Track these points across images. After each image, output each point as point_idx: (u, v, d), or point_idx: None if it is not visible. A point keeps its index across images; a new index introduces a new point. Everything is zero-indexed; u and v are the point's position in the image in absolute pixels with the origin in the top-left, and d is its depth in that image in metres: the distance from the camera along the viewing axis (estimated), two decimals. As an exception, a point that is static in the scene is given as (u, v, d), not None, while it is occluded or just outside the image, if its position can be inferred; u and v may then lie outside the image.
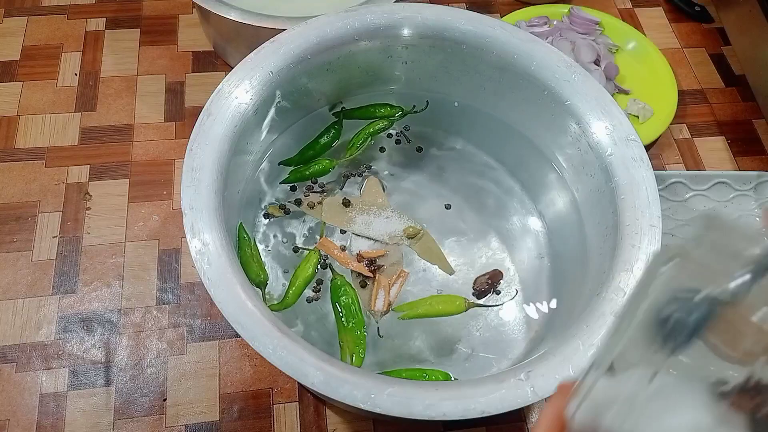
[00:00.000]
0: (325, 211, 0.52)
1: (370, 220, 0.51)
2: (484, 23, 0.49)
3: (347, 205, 0.52)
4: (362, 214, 0.52)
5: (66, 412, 0.50)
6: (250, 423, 0.51)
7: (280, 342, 0.36)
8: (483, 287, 0.49)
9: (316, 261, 0.48)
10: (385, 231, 0.51)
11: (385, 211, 0.52)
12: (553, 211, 0.53)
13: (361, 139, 0.53)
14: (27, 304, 0.55)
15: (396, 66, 0.53)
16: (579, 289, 0.46)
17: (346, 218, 0.52)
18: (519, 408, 0.35)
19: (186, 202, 0.40)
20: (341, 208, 0.52)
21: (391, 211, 0.52)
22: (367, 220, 0.51)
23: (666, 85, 0.68)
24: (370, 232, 0.51)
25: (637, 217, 0.42)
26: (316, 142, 0.54)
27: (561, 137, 0.49)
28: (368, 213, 0.52)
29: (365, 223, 0.51)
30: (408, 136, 0.56)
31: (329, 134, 0.54)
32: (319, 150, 0.54)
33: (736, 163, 0.68)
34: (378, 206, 0.52)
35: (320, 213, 0.52)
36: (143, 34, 0.72)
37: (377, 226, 0.51)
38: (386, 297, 0.47)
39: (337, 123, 0.54)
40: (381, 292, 0.47)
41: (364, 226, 0.51)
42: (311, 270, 0.47)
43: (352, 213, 0.52)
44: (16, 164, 0.62)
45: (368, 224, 0.51)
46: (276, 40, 0.47)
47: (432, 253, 0.51)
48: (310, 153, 0.53)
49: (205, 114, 0.44)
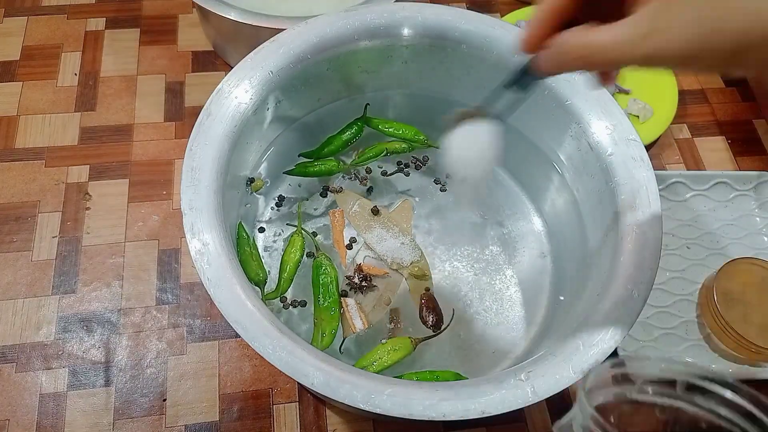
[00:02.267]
0: (354, 210, 0.51)
1: (385, 237, 0.50)
2: (484, 23, 0.49)
3: (375, 213, 0.52)
4: (382, 228, 0.51)
5: (66, 412, 0.50)
6: (250, 423, 0.51)
7: (280, 342, 0.36)
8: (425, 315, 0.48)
9: (301, 244, 0.48)
10: (393, 254, 0.50)
11: (404, 237, 0.51)
12: (554, 211, 0.53)
13: (375, 153, 0.53)
14: (27, 304, 0.54)
15: (396, 66, 0.53)
16: (579, 289, 0.46)
17: (366, 225, 0.51)
18: (519, 408, 0.35)
19: (186, 202, 0.40)
20: (368, 214, 0.52)
21: (409, 241, 0.51)
22: (383, 235, 0.50)
23: (666, 85, 0.68)
24: (379, 248, 0.50)
25: (637, 216, 0.42)
26: (338, 137, 0.53)
27: (561, 137, 0.49)
28: (389, 230, 0.51)
29: (379, 238, 0.51)
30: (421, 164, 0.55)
31: (351, 130, 0.54)
32: (339, 146, 0.53)
33: (736, 163, 0.68)
34: (401, 229, 0.51)
35: (345, 203, 0.51)
36: (143, 34, 0.72)
37: (388, 246, 0.50)
38: (361, 315, 0.46)
39: (361, 120, 0.54)
40: (354, 312, 0.46)
41: (377, 239, 0.50)
42: (298, 254, 0.48)
43: (374, 222, 0.51)
44: (16, 164, 0.62)
45: (381, 240, 0.50)
46: (276, 40, 0.47)
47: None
48: (331, 147, 0.53)
49: (205, 114, 0.44)
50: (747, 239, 0.61)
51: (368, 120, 0.54)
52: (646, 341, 0.55)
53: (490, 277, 0.52)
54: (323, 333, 0.45)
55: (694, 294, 0.58)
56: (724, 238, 0.61)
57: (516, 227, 0.54)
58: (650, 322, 0.56)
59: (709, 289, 0.54)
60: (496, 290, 0.51)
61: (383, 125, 0.54)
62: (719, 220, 0.62)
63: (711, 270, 0.57)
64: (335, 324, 0.45)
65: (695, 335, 0.56)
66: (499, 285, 0.51)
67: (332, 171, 0.52)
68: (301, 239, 0.48)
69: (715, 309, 0.53)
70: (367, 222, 0.51)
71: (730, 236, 0.61)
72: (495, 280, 0.52)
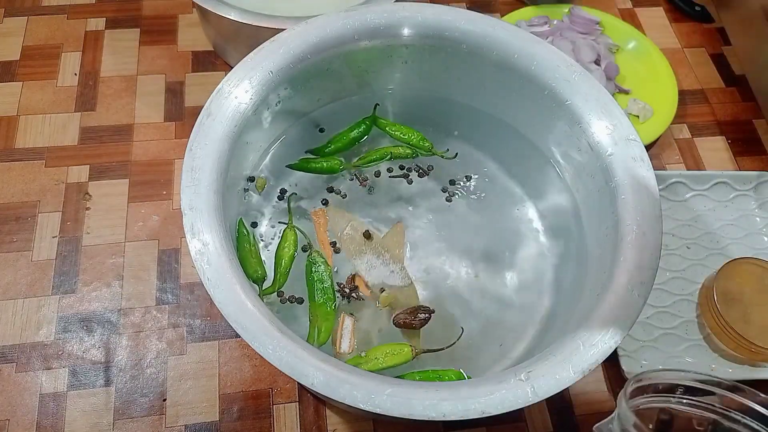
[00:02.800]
0: (347, 233, 0.50)
1: (376, 264, 0.49)
2: (484, 23, 0.49)
3: (368, 237, 0.50)
4: (373, 254, 0.49)
5: (66, 412, 0.50)
6: (250, 423, 0.51)
7: (280, 342, 0.36)
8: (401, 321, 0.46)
9: (294, 239, 0.48)
10: (381, 281, 0.49)
11: (395, 265, 0.49)
12: (553, 211, 0.53)
13: (379, 156, 0.52)
14: (27, 304, 0.54)
15: (396, 65, 0.53)
16: (579, 289, 0.46)
17: (358, 249, 0.50)
18: (519, 408, 0.35)
19: (186, 202, 0.40)
20: (360, 238, 0.50)
21: (399, 269, 0.49)
22: (373, 262, 0.49)
23: (666, 85, 0.68)
24: (368, 276, 0.49)
25: (637, 216, 0.42)
26: (345, 134, 0.53)
27: (561, 137, 0.49)
28: (380, 257, 0.49)
29: (370, 264, 0.49)
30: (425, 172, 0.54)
31: (360, 129, 0.53)
32: (347, 143, 0.53)
33: (736, 163, 0.68)
34: (393, 256, 0.50)
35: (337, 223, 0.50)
36: (143, 34, 0.72)
37: (378, 274, 0.49)
38: (351, 338, 0.46)
39: (369, 119, 0.54)
40: (346, 333, 0.46)
41: (367, 266, 0.49)
42: (292, 249, 0.47)
43: (365, 248, 0.50)
44: (16, 164, 0.62)
45: (372, 268, 0.49)
46: (276, 40, 0.47)
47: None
48: (338, 144, 0.53)
49: (205, 114, 0.44)
50: (747, 239, 0.61)
51: (376, 119, 0.54)
52: (646, 341, 0.55)
53: (490, 277, 0.52)
54: (319, 330, 0.45)
55: (694, 294, 0.58)
56: (724, 238, 0.61)
57: (516, 227, 0.54)
58: (650, 322, 0.56)
59: (709, 289, 0.54)
60: (496, 290, 0.51)
61: (390, 127, 0.54)
62: (719, 220, 0.62)
63: (711, 270, 0.57)
64: (331, 321, 0.45)
65: (695, 335, 0.56)
66: (499, 285, 0.51)
67: (334, 169, 0.52)
68: (294, 234, 0.48)
69: (715, 309, 0.53)
70: (359, 247, 0.50)
71: (730, 236, 0.61)
72: (495, 280, 0.52)
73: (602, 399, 0.54)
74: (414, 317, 0.46)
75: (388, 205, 0.53)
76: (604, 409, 0.54)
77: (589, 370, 0.36)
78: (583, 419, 0.53)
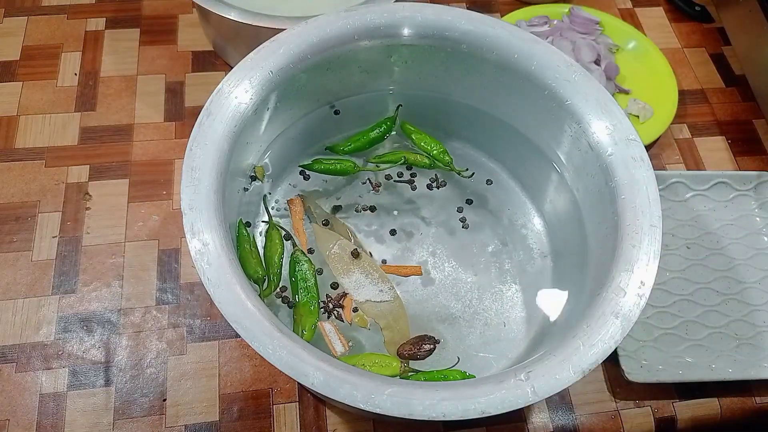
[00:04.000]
0: (334, 252, 0.49)
1: (364, 283, 0.48)
2: (484, 23, 0.49)
3: (356, 256, 0.48)
4: (362, 273, 0.48)
5: (66, 412, 0.50)
6: (250, 423, 0.51)
7: (280, 342, 0.36)
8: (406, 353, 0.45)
9: (279, 237, 0.48)
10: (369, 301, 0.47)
11: (383, 284, 0.48)
12: (553, 211, 0.53)
13: (394, 159, 0.52)
14: (27, 304, 0.54)
15: (396, 65, 0.53)
16: (579, 289, 0.46)
17: (345, 268, 0.48)
18: (519, 408, 0.35)
19: (186, 202, 0.40)
20: (348, 257, 0.48)
21: (388, 288, 0.48)
22: (361, 281, 0.48)
23: (666, 85, 0.68)
24: (356, 295, 0.47)
25: (637, 216, 0.42)
26: (365, 134, 0.53)
27: (561, 137, 0.49)
28: (368, 276, 0.48)
29: (358, 284, 0.48)
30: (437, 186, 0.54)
31: (380, 129, 0.53)
32: (366, 143, 0.53)
33: (736, 163, 0.68)
34: (380, 276, 0.48)
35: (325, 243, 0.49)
36: (143, 34, 0.72)
37: (366, 294, 0.47)
38: (340, 337, 0.45)
39: (390, 120, 0.54)
40: (333, 337, 0.45)
41: (355, 285, 0.48)
42: (279, 248, 0.48)
43: (353, 267, 0.48)
44: (16, 164, 0.62)
45: (359, 287, 0.48)
46: (276, 40, 0.47)
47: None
48: (357, 144, 0.53)
49: (205, 114, 0.44)
50: (747, 239, 0.61)
51: (403, 124, 0.54)
52: (646, 341, 0.55)
53: (489, 277, 0.52)
54: (303, 329, 0.45)
55: (694, 294, 0.58)
56: (724, 238, 0.61)
57: (516, 227, 0.54)
58: (650, 322, 0.56)
59: None
60: (495, 290, 0.51)
61: (416, 134, 0.53)
62: (719, 220, 0.62)
63: (711, 270, 0.57)
64: (314, 319, 0.45)
65: (695, 335, 0.56)
66: (498, 285, 0.51)
67: (348, 171, 0.52)
68: (278, 232, 0.48)
69: None
70: (347, 266, 0.48)
71: (730, 236, 0.61)
72: (495, 280, 0.52)
73: (602, 399, 0.54)
74: (419, 348, 0.45)
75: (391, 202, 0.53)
76: (604, 409, 0.54)
77: (589, 370, 0.36)
78: (583, 419, 0.53)
